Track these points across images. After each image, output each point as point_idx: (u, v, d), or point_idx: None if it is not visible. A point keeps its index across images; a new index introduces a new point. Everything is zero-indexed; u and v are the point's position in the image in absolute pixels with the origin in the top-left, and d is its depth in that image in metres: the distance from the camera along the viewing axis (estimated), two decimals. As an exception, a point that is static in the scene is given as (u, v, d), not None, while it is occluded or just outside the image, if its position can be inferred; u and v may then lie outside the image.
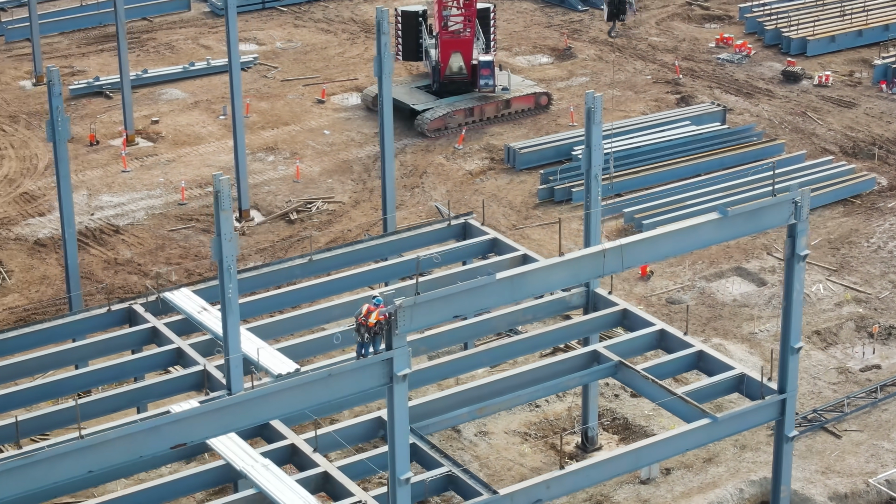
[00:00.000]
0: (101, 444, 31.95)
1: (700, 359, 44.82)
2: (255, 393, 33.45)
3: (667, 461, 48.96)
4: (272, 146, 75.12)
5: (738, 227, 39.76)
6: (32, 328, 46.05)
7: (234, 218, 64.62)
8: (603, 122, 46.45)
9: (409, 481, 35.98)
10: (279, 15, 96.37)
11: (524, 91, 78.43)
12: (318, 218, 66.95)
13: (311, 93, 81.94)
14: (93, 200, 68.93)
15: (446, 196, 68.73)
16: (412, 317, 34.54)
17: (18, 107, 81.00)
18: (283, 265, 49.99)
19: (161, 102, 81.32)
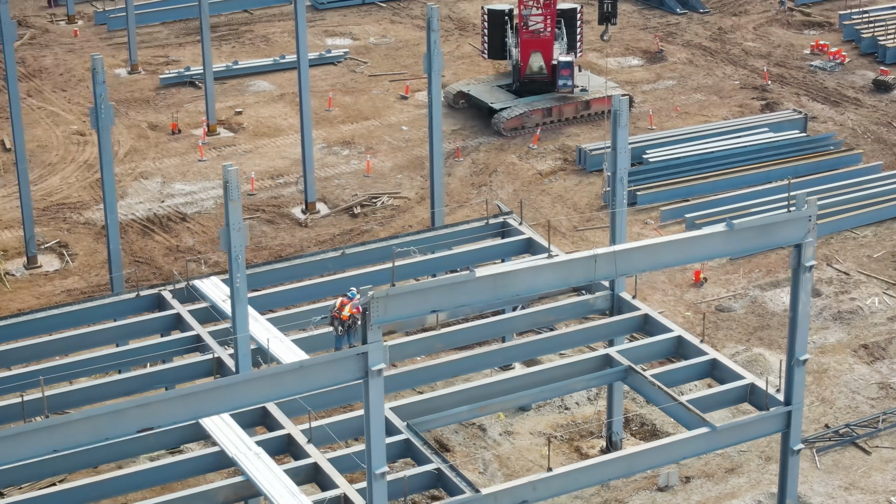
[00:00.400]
0: (66, 425, 32.52)
1: (714, 367, 44.41)
2: (223, 382, 33.88)
3: (688, 469, 48.57)
4: (349, 140, 75.74)
5: (746, 242, 39.05)
6: (60, 310, 47.18)
7: (299, 210, 65.78)
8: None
9: (384, 476, 36.13)
10: (378, 10, 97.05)
11: (604, 92, 77.99)
12: (381, 213, 67.40)
13: (396, 89, 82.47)
14: (165, 188, 70.17)
15: (512, 195, 68.75)
16: (386, 309, 34.62)
17: (110, 94, 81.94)
18: (315, 258, 50.51)
19: (248, 94, 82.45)
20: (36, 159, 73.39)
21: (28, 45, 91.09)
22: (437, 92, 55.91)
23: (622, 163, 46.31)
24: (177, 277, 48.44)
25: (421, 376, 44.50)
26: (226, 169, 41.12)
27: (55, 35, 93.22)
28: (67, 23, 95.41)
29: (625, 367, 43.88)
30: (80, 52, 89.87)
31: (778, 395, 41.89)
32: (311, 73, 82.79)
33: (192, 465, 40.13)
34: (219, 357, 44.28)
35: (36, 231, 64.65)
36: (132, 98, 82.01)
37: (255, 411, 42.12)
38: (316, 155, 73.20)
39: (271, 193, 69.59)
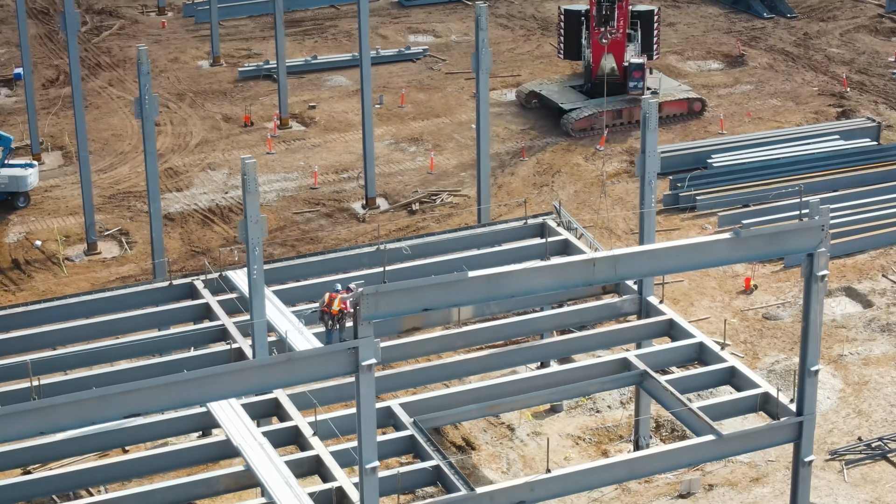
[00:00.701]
0: (52, 408, 33.02)
1: (733, 375, 43.99)
2: (210, 371, 34.21)
3: (712, 477, 48.19)
4: (417, 137, 76.07)
5: (754, 250, 38.61)
6: (95, 296, 47.99)
7: (359, 205, 66.24)
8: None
9: (375, 470, 36.28)
10: (463, 9, 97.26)
11: (677, 96, 77.52)
12: (439, 210, 67.62)
13: (470, 87, 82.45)
14: (230, 179, 71.02)
15: (573, 196, 68.62)
16: (376, 305, 34.73)
17: (189, 85, 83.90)
18: (351, 252, 50.84)
19: (324, 89, 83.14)
20: (109, 148, 74.74)
21: (116, 36, 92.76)
22: (485, 90, 56.05)
23: (651, 166, 45.98)
24: (208, 268, 49.01)
25: (436, 374, 44.65)
26: (243, 162, 41.65)
27: (143, 26, 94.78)
28: (157, 14, 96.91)
29: (641, 371, 43.64)
30: (166, 43, 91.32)
31: (792, 406, 41.33)
32: (389, 69, 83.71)
33: (197, 452, 40.66)
34: (239, 347, 44.82)
35: (99, 218, 65.88)
36: (210, 90, 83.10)
37: (268, 402, 42.59)
38: (383, 151, 73.76)
39: (334, 188, 70.13)
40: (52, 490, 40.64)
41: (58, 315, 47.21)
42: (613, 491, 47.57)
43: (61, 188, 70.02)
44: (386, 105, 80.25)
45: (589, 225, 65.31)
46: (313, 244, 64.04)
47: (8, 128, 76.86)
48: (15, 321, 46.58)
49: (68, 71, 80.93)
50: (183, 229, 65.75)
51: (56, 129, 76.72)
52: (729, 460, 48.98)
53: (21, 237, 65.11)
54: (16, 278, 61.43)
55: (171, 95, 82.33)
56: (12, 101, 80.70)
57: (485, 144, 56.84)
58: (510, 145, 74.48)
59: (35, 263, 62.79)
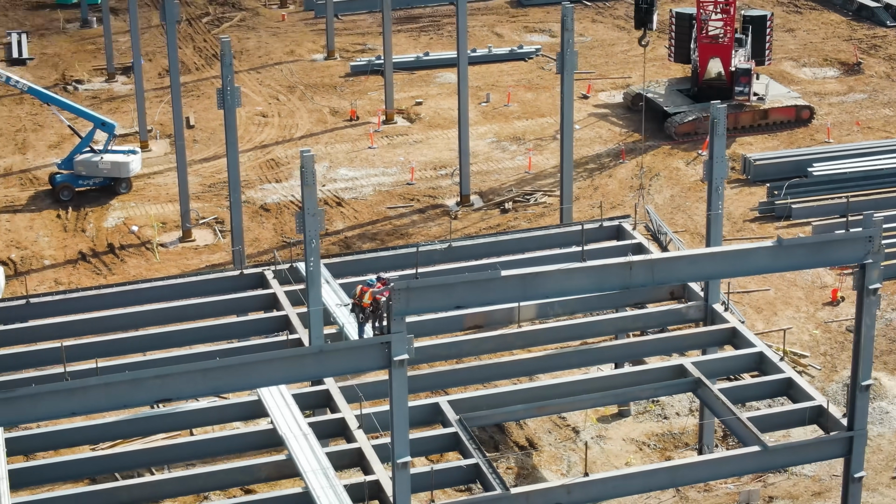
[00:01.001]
0: (84, 389, 33.72)
1: (789, 386, 43.36)
2: (240, 360, 34.65)
3: (773, 489, 47.58)
4: (520, 136, 76.09)
5: (796, 259, 37.91)
6: (166, 282, 48.86)
7: (454, 202, 66.48)
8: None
9: (407, 465, 36.46)
10: (582, 9, 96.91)
11: (785, 102, 76.49)
12: (532, 210, 67.57)
13: (579, 88, 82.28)
14: (330, 172, 71.71)
15: (668, 201, 68.13)
16: (408, 301, 34.90)
17: (301, 78, 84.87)
18: (422, 248, 51.03)
19: (432, 85, 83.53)
20: (215, 137, 75.84)
21: (236, 27, 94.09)
22: (570, 91, 55.83)
23: (718, 172, 45.49)
24: (277, 258, 49.56)
25: (490, 373, 44.70)
26: (302, 155, 42.12)
27: (264, 18, 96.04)
28: (279, 7, 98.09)
29: (695, 378, 43.24)
30: (283, 36, 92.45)
31: (844, 421, 40.64)
32: (500, 67, 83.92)
33: (242, 440, 41.19)
34: (298, 338, 45.33)
35: (197, 206, 67.00)
36: (321, 83, 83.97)
37: (319, 394, 43.02)
38: (483, 149, 73.95)
39: (430, 184, 70.45)
40: (116, 468, 41.59)
41: (129, 299, 48.12)
42: (671, 498, 47.23)
43: (164, 175, 71.30)
44: (492, 103, 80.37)
45: (681, 230, 64.85)
46: (403, 239, 64.38)
47: (120, 115, 78.55)
48: (87, 304, 47.61)
49: (184, 60, 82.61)
50: (277, 220, 66.58)
51: (167, 118, 78.00)
52: (793, 472, 48.35)
53: (119, 222, 66.47)
54: (109, 262, 62.76)
55: (282, 88, 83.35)
56: (128, 88, 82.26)
57: (568, 145, 56.66)
58: (611, 147, 74.13)
59: (129, 248, 64.07)
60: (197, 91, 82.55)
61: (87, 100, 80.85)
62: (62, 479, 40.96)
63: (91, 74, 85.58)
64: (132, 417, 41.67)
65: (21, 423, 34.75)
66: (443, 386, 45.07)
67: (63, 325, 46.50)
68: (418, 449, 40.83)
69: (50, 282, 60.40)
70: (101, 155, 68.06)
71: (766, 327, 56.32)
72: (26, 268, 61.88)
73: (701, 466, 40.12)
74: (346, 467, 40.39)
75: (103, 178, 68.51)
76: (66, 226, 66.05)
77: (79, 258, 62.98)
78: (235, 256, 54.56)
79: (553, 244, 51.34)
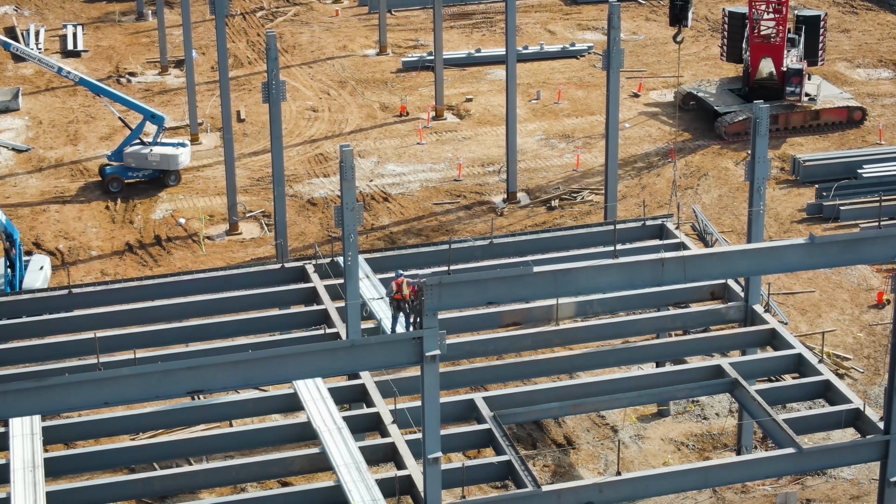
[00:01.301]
0: (117, 379, 34.04)
1: (827, 389, 43.12)
2: (275, 352, 34.85)
3: (811, 492, 47.33)
4: (569, 133, 75.97)
5: (829, 257, 37.72)
6: (208, 274, 49.16)
7: (500, 199, 66.48)
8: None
9: (438, 461, 36.54)
10: (636, 7, 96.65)
11: (836, 103, 75.95)
12: (578, 208, 67.47)
13: (631, 85, 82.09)
14: (378, 168, 71.88)
15: (716, 201, 67.86)
16: (440, 296, 34.95)
17: (352, 73, 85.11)
18: (463, 244, 51.08)
19: (483, 82, 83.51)
20: (265, 131, 75.98)
21: (290, 22, 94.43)
22: (616, 89, 55.75)
23: (760, 172, 45.34)
24: (318, 252, 49.76)
25: (527, 370, 44.70)
26: (341, 150, 42.24)
27: (317, 13, 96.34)
28: (332, 2, 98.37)
29: (732, 379, 43.07)
30: (337, 31, 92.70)
31: (881, 424, 40.37)
32: (551, 65, 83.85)
33: (278, 433, 41.39)
34: (336, 332, 45.51)
35: (244, 200, 67.35)
36: (372, 78, 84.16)
37: (354, 388, 43.17)
38: (532, 146, 73.91)
39: (477, 181, 70.48)
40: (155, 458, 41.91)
41: (171, 291, 48.47)
42: (708, 499, 47.08)
43: (213, 168, 71.70)
44: (542, 101, 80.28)
45: (727, 231, 64.58)
46: (448, 235, 64.43)
47: (172, 108, 79.07)
48: (128, 295, 47.98)
49: (237, 54, 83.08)
50: (323, 214, 66.83)
51: (218, 112, 78.23)
52: (831, 475, 48.07)
53: (167, 214, 66.90)
54: (155, 254, 63.19)
55: (333, 83, 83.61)
56: (180, 81, 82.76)
57: (613, 142, 56.56)
58: (660, 146, 73.88)
59: (176, 241, 64.49)
60: (249, 85, 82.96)
61: (140, 92, 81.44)
62: (100, 467, 41.31)
63: (144, 67, 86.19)
64: (171, 408, 42.01)
65: (54, 412, 34.99)
66: (480, 382, 45.17)
67: (105, 315, 46.88)
68: (453, 445, 40.96)
69: (96, 272, 60.91)
70: (151, 147, 68.54)
71: (809, 329, 55.98)
72: (73, 258, 62.42)
73: (734, 467, 39.94)
74: (380, 462, 40.53)
75: (152, 171, 69.00)
76: (115, 217, 66.57)
77: (126, 250, 63.48)
78: (278, 250, 54.78)
79: (593, 242, 51.23)
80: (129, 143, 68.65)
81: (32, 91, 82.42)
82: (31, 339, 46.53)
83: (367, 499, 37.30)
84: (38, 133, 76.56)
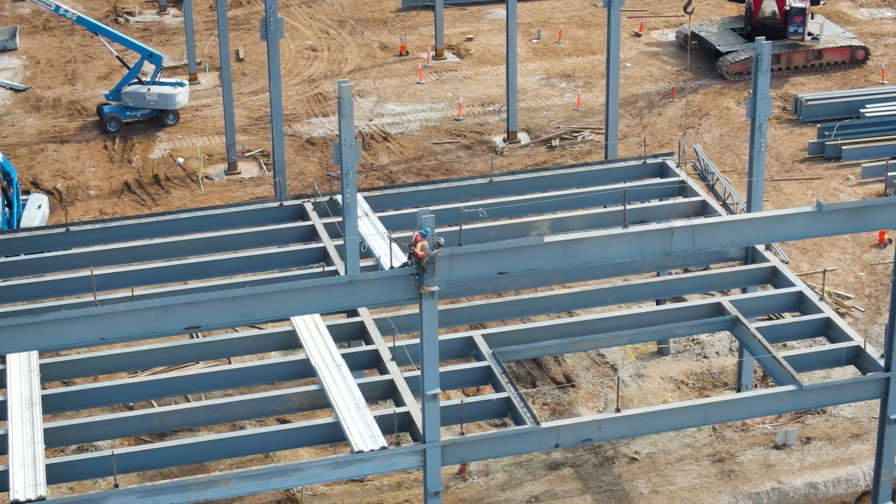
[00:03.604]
0: (114, 315, 33.84)
1: (828, 326, 42.96)
2: (269, 288, 34.68)
3: (811, 430, 47.27)
4: (570, 73, 75.49)
5: (836, 225, 37.41)
6: (206, 212, 48.91)
7: (500, 139, 66.13)
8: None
9: (437, 397, 36.43)
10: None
11: (839, 43, 75.40)
12: (579, 147, 67.12)
13: (632, 25, 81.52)
14: (377, 107, 71.46)
15: (717, 140, 67.49)
16: (451, 267, 34.81)
17: (352, 12, 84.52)
18: (463, 182, 50.85)
19: (484, 21, 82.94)
20: (264, 70, 75.47)
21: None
22: (616, 27, 55.15)
23: (762, 109, 45.00)
24: (316, 190, 49.46)
25: (526, 308, 44.52)
26: (339, 85, 41.87)
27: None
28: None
29: (732, 316, 42.90)
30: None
31: (881, 361, 40.23)
32: (552, 4, 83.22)
33: (276, 370, 41.30)
34: (335, 269, 45.29)
35: (243, 139, 66.99)
36: (371, 18, 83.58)
37: (353, 326, 43.01)
38: (533, 86, 73.47)
39: (477, 120, 70.08)
40: (153, 395, 41.80)
41: (168, 229, 48.24)
42: (707, 437, 47.03)
43: (212, 108, 71.30)
44: (543, 40, 79.77)
45: (729, 170, 64.29)
46: (448, 175, 64.16)
47: (171, 47, 78.58)
48: (126, 233, 47.75)
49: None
50: (322, 154, 66.51)
51: (217, 51, 77.78)
52: (831, 414, 47.99)
53: (166, 154, 66.58)
54: (154, 194, 62.93)
55: (332, 22, 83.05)
56: (178, 20, 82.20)
57: (614, 82, 56.00)
58: (661, 86, 73.45)
59: (175, 180, 64.21)
60: (248, 24, 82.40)
61: (138, 32, 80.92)
62: (98, 404, 41.17)
63: (142, 6, 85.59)
64: (169, 345, 41.84)
65: (50, 348, 34.94)
66: (479, 320, 45.00)
67: (102, 253, 46.67)
68: (452, 382, 40.87)
69: (95, 212, 60.66)
70: (149, 86, 68.12)
71: (811, 268, 55.77)
72: (71, 198, 62.17)
73: (733, 405, 39.83)
74: (379, 399, 40.42)
75: (150, 110, 68.61)
76: (113, 157, 66.25)
77: (124, 189, 63.22)
78: (276, 188, 54.50)
79: (595, 181, 50.96)
80: (127, 82, 68.22)
81: (30, 30, 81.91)
82: (28, 276, 46.31)
83: (366, 435, 37.20)
84: (35, 72, 76.12)
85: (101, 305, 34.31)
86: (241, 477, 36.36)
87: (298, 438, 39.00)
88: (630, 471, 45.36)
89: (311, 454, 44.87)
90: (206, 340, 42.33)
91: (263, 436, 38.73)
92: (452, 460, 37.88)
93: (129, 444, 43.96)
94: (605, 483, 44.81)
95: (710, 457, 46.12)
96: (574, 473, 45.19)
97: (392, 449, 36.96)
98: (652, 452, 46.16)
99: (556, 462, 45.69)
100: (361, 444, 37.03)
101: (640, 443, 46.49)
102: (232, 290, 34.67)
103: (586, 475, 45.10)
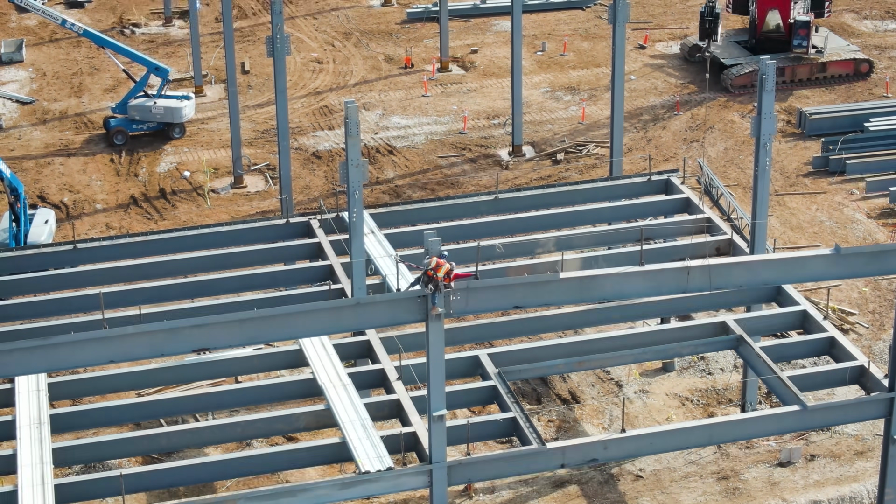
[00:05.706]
0: (123, 337, 34.10)
1: (832, 345, 43.13)
2: (280, 310, 34.88)
3: (815, 448, 47.41)
4: (574, 86, 75.69)
5: (855, 268, 37.73)
6: (212, 229, 49.11)
7: (506, 152, 66.38)
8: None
9: (443, 418, 36.61)
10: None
11: (843, 56, 75.60)
12: (584, 161, 67.31)
13: (637, 37, 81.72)
14: (382, 120, 71.68)
15: (722, 154, 67.68)
16: (467, 301, 35.05)
17: (357, 24, 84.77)
18: (469, 199, 51.05)
19: (489, 33, 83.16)
20: (270, 83, 75.77)
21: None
22: (621, 42, 55.52)
23: (767, 129, 45.20)
24: (322, 208, 49.69)
25: (532, 326, 44.72)
26: (346, 106, 42.07)
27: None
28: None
29: (736, 336, 43.09)
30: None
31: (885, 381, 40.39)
32: (557, 16, 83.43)
33: (283, 389, 41.49)
34: (341, 287, 45.50)
35: (249, 153, 67.21)
36: (377, 30, 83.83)
37: (360, 345, 43.21)
38: (537, 99, 73.67)
39: (482, 133, 70.29)
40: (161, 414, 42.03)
41: (175, 246, 48.45)
42: (712, 454, 47.18)
43: (218, 121, 71.53)
44: (548, 52, 80.00)
45: (733, 184, 64.45)
46: (453, 189, 64.38)
47: (176, 59, 78.83)
48: (133, 250, 47.98)
49: (241, 5, 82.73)
50: (328, 167, 66.72)
51: (223, 63, 78.06)
52: (835, 431, 48.15)
53: (172, 167, 66.80)
54: (160, 207, 63.14)
55: (338, 34, 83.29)
56: (184, 32, 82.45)
57: (619, 97, 56.37)
58: (666, 98, 73.64)
59: (181, 194, 64.43)
60: (253, 36, 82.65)
61: (144, 44, 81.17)
62: (106, 424, 41.48)
63: (148, 18, 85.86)
64: (177, 364, 42.08)
65: (59, 369, 35.12)
66: (485, 339, 45.14)
67: (110, 270, 46.91)
68: (457, 401, 41.08)
69: (101, 226, 60.90)
70: (155, 100, 68.36)
71: (814, 284, 55.87)
72: (78, 212, 62.39)
73: (738, 425, 40.02)
74: (385, 418, 40.60)
75: (157, 123, 68.84)
76: (119, 170, 66.50)
77: (130, 203, 63.44)
78: (283, 204, 54.71)
79: (600, 199, 51.17)
80: (134, 95, 68.46)
81: (36, 42, 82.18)
82: (36, 294, 46.54)
83: (373, 455, 37.39)
84: (42, 85, 76.39)
85: (110, 328, 34.34)
86: (248, 497, 36.55)
87: (305, 458, 39.21)
88: (635, 488, 45.56)
89: (318, 473, 45.04)
90: (213, 359, 42.46)
91: (271, 455, 38.95)
92: (458, 481, 38.06)
93: (137, 463, 44.17)
94: (609, 501, 45.01)
95: (714, 474, 46.30)
96: (579, 491, 45.38)
97: (399, 469, 37.15)
98: (657, 470, 46.34)
99: (561, 480, 45.87)
100: (368, 464, 37.23)
101: (645, 460, 46.66)
102: (239, 312, 34.88)
103: (591, 493, 45.29)
